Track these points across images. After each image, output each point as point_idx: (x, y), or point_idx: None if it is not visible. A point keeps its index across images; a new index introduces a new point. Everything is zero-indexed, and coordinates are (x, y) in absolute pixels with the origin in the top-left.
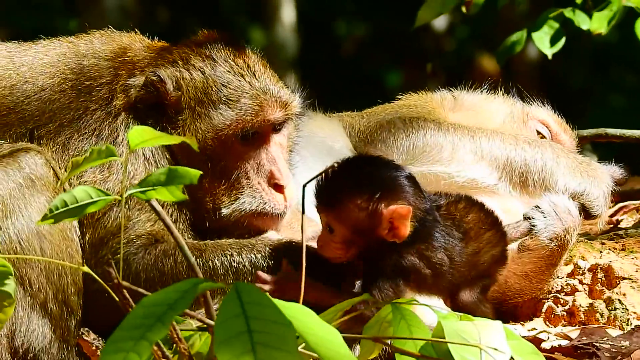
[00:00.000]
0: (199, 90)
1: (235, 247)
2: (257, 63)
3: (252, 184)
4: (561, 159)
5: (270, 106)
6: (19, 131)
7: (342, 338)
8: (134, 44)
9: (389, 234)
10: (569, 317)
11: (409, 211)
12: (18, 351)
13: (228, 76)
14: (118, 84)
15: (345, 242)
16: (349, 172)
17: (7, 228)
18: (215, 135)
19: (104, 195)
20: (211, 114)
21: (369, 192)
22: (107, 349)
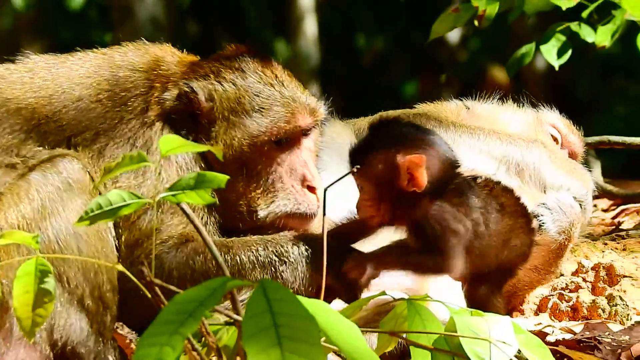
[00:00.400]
0: (232, 101)
1: (260, 242)
2: (284, 74)
3: (286, 187)
4: (553, 156)
5: (300, 113)
6: (57, 139)
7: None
8: (167, 57)
9: (408, 184)
10: (573, 312)
11: (422, 159)
12: (57, 344)
13: (259, 86)
14: (152, 95)
15: (373, 198)
16: (372, 132)
17: (46, 229)
18: (251, 142)
19: (137, 198)
20: (246, 122)
21: (386, 146)
22: (142, 343)
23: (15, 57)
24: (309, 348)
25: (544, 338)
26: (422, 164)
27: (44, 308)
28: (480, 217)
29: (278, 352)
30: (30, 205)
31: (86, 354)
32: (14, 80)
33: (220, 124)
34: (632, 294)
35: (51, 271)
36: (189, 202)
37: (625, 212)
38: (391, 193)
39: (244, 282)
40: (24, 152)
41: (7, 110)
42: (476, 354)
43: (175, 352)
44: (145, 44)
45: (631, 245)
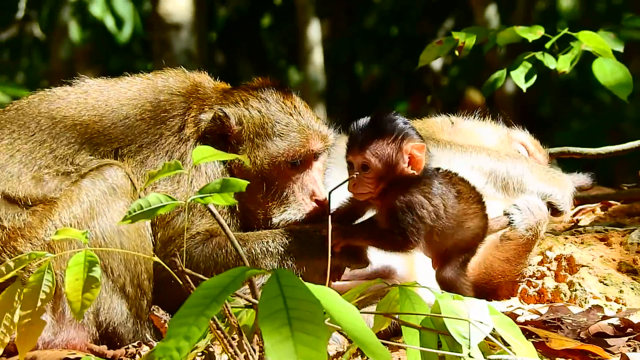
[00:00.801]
0: (257, 126)
1: (270, 235)
2: (301, 104)
3: (297, 200)
4: (534, 169)
5: (313, 139)
6: (106, 150)
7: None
8: (204, 84)
9: (408, 167)
10: (539, 296)
11: (424, 147)
12: (102, 325)
13: (280, 115)
14: (189, 116)
15: (376, 176)
16: (378, 122)
17: (94, 227)
18: (271, 161)
19: (172, 200)
20: (267, 145)
21: (394, 133)
22: (173, 323)
23: (72, 81)
24: (315, 327)
25: (515, 319)
26: (423, 151)
27: (91, 293)
28: (440, 203)
29: (288, 330)
30: (80, 207)
31: (126, 333)
32: (71, 100)
33: (246, 145)
34: (589, 281)
35: (98, 262)
36: (215, 204)
37: (583, 211)
38: (391, 172)
39: (260, 270)
40: (77, 161)
41: (65, 125)
42: (457, 332)
43: (201, 330)
44: (185, 72)
45: (588, 239)
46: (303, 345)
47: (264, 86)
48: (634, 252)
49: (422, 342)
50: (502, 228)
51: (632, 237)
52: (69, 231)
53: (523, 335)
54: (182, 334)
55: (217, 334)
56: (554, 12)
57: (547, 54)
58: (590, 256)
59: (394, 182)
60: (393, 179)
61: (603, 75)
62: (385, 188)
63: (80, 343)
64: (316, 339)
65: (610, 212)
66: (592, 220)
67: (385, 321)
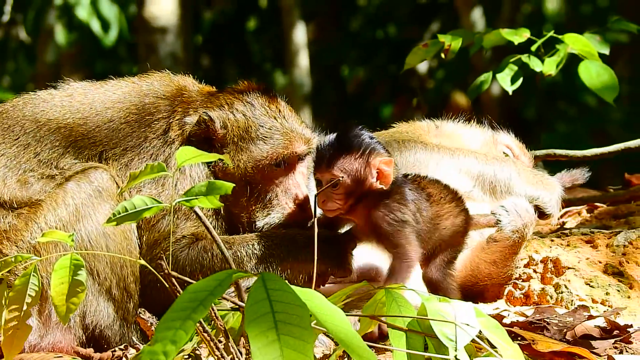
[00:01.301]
0: (241, 129)
1: (256, 238)
2: (286, 108)
3: (280, 203)
4: (522, 172)
5: (297, 141)
6: (90, 153)
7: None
8: (189, 87)
9: (377, 181)
10: (525, 299)
11: (391, 161)
12: (88, 328)
13: (264, 118)
14: (174, 119)
15: (345, 192)
16: (344, 138)
17: (79, 230)
18: (254, 165)
19: (157, 203)
20: (251, 148)
21: (361, 149)
22: (160, 326)
23: (57, 84)
24: (301, 330)
25: (501, 321)
26: (391, 165)
27: (77, 297)
28: (415, 208)
29: (275, 334)
30: (66, 209)
31: (112, 336)
32: (55, 103)
33: (230, 148)
34: (575, 283)
35: (84, 265)
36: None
37: (569, 213)
38: (360, 189)
39: (247, 274)
40: (62, 165)
41: (49, 129)
42: (444, 334)
43: (188, 334)
44: (169, 75)
45: (574, 241)
46: (289, 348)
47: (249, 90)
48: (620, 254)
49: (409, 345)
50: (488, 225)
51: (618, 239)
52: (54, 234)
53: (509, 338)
54: (169, 337)
55: (203, 337)
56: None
57: (532, 56)
58: (576, 258)
59: (362, 196)
60: (362, 194)
61: (589, 78)
62: (353, 203)
63: (66, 346)
64: (302, 342)
65: (596, 214)
66: (578, 222)
67: (371, 323)
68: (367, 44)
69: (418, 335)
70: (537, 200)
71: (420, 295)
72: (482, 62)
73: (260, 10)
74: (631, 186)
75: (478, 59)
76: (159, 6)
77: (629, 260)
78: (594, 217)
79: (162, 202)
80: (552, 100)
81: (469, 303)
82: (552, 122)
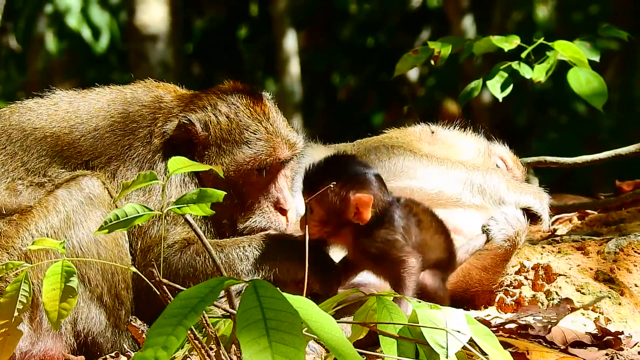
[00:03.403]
0: (224, 132)
1: (247, 241)
2: (272, 110)
3: (262, 208)
4: (510, 181)
5: (280, 147)
6: (76, 162)
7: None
8: (171, 93)
9: (354, 217)
10: (516, 305)
11: (370, 200)
12: (80, 335)
13: (248, 121)
14: (156, 126)
15: (320, 221)
16: (329, 165)
17: (70, 237)
18: (236, 169)
19: (148, 210)
20: (234, 151)
21: (342, 181)
22: (151, 333)
23: (44, 93)
24: (293, 337)
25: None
26: (370, 204)
27: (68, 303)
28: (404, 233)
29: (266, 341)
30: (57, 217)
31: (104, 343)
32: (42, 112)
33: (213, 151)
34: (566, 290)
35: (75, 272)
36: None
37: (559, 220)
38: (336, 220)
39: (238, 281)
40: (50, 174)
41: (35, 138)
42: (435, 342)
43: (179, 340)
44: (152, 83)
45: (565, 248)
46: (281, 355)
47: (234, 90)
48: (610, 261)
49: (400, 352)
50: (481, 247)
51: (609, 246)
52: (46, 241)
53: (500, 345)
54: (160, 343)
55: (194, 344)
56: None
57: (523, 63)
58: (567, 265)
59: (341, 228)
60: (339, 224)
61: (578, 85)
62: (332, 231)
63: (57, 353)
64: (294, 349)
65: (587, 221)
66: (569, 229)
67: (362, 330)
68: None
69: (409, 342)
70: (526, 205)
71: (411, 301)
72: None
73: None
74: (622, 193)
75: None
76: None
77: (620, 267)
78: (585, 224)
79: (151, 208)
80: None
81: (460, 310)
82: (543, 129)
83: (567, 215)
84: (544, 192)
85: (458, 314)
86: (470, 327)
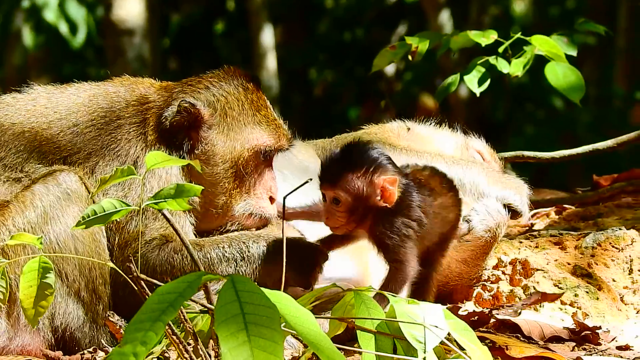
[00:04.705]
0: (235, 111)
1: (227, 240)
2: (267, 100)
3: (257, 193)
4: (489, 173)
5: (283, 136)
6: (54, 158)
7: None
8: (151, 88)
9: (380, 200)
10: (494, 300)
11: (396, 180)
12: (57, 330)
13: (259, 103)
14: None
15: (348, 210)
16: (349, 154)
17: (47, 232)
18: (246, 149)
19: (126, 205)
20: (246, 131)
21: (365, 166)
22: (129, 328)
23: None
24: (271, 332)
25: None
26: (395, 184)
27: (46, 300)
28: (421, 212)
29: (245, 335)
30: (34, 212)
31: (82, 338)
32: (19, 107)
33: (221, 129)
34: (544, 285)
35: (52, 268)
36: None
37: (537, 215)
38: (364, 207)
39: (216, 276)
40: (27, 169)
41: (13, 133)
42: (413, 337)
43: (158, 336)
44: (130, 79)
45: (542, 243)
46: (259, 349)
47: (237, 74)
48: (588, 256)
49: (378, 347)
50: (462, 236)
51: (586, 240)
52: (23, 236)
53: (478, 340)
54: (139, 339)
55: (172, 339)
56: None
57: (500, 58)
58: (545, 260)
59: (367, 212)
60: (365, 211)
61: (555, 79)
62: (358, 220)
63: (35, 349)
64: (273, 343)
65: (564, 216)
66: (546, 224)
67: (340, 326)
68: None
69: (387, 337)
70: (506, 199)
71: (390, 296)
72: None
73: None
74: (599, 188)
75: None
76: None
77: (598, 262)
78: (562, 218)
79: (130, 203)
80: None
81: (438, 305)
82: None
83: (545, 210)
84: (524, 185)
85: (436, 309)
86: (448, 322)
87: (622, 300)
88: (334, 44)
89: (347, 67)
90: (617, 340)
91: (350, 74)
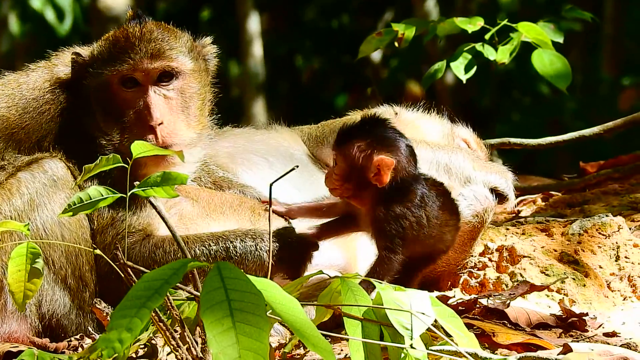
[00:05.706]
0: (100, 52)
1: (212, 238)
2: (150, 28)
3: (131, 124)
4: (476, 160)
5: (144, 59)
6: (28, 145)
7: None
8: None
9: (374, 177)
10: (481, 287)
11: (392, 163)
12: (44, 317)
13: (118, 39)
14: None
15: (342, 175)
16: (363, 124)
17: (34, 219)
18: (104, 82)
19: (112, 193)
20: (107, 68)
21: (369, 139)
22: (115, 315)
23: None
24: (257, 319)
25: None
26: (390, 167)
27: (34, 284)
28: (423, 214)
29: (230, 322)
30: (21, 199)
31: (69, 325)
32: None
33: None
34: (530, 271)
35: (40, 253)
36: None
37: (524, 202)
38: (357, 178)
39: (203, 263)
40: (7, 157)
41: None
42: (400, 323)
43: (143, 322)
44: None
45: (529, 230)
46: (245, 336)
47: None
48: (575, 243)
49: (364, 334)
50: None
51: (573, 227)
52: (10, 224)
53: (465, 326)
54: (124, 325)
55: (159, 326)
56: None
57: (486, 45)
58: (531, 247)
59: (364, 186)
60: (361, 183)
61: (542, 66)
62: (353, 190)
63: (22, 336)
64: (258, 330)
65: (551, 202)
66: (533, 211)
67: (326, 313)
68: (321, 34)
69: (374, 324)
70: (492, 184)
71: (376, 284)
72: (436, 51)
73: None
74: (586, 174)
75: (432, 48)
76: None
77: (584, 248)
78: (549, 205)
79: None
80: (507, 90)
81: (425, 292)
82: (507, 111)
83: (531, 196)
84: (509, 171)
85: (423, 296)
86: (434, 308)
87: (609, 287)
88: (321, 31)
89: (333, 54)
90: (604, 326)
91: (337, 61)
